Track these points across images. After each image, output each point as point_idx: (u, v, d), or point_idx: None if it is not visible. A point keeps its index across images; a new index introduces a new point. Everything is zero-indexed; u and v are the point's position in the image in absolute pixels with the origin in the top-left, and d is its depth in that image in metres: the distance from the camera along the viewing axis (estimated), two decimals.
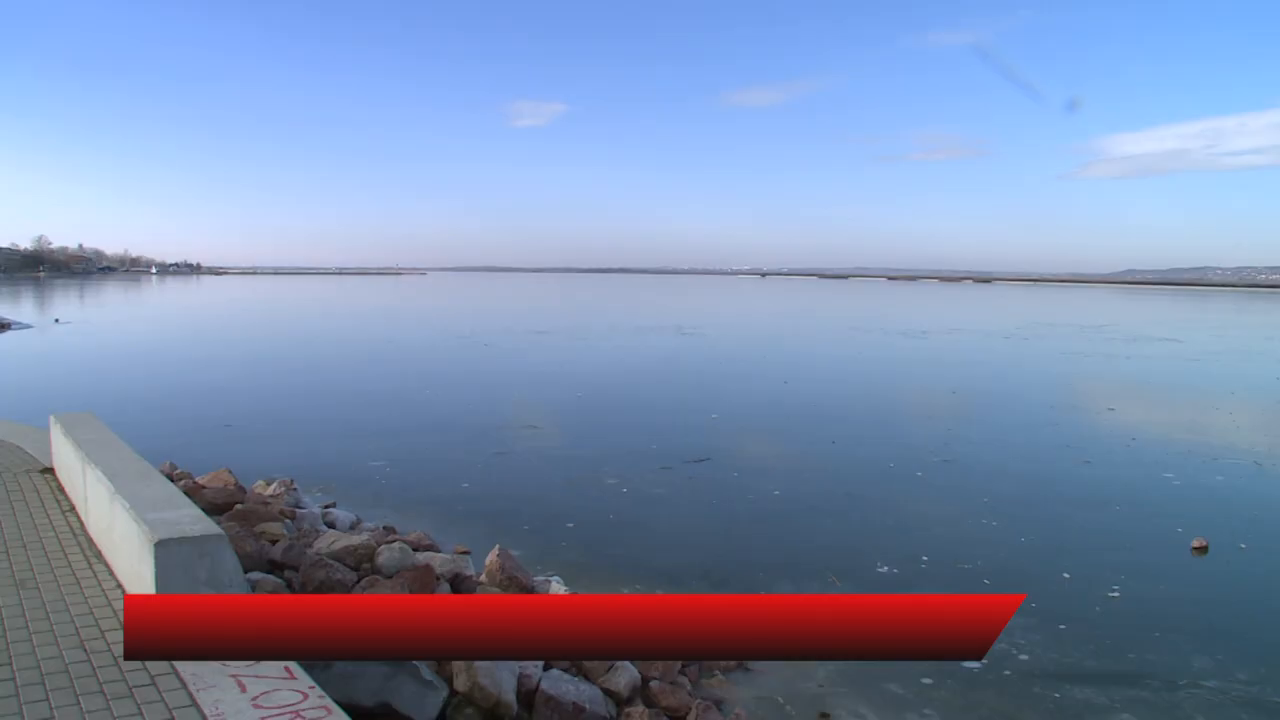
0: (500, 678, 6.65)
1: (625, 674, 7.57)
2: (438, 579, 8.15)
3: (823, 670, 8.46)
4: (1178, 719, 7.78)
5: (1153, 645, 9.32)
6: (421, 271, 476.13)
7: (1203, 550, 12.40)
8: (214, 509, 9.39)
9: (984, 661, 8.74)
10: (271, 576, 7.51)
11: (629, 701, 7.40)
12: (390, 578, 7.83)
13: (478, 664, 6.51)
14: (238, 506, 9.78)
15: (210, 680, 4.80)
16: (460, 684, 6.48)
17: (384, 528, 11.67)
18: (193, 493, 9.45)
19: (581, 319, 71.00)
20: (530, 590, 9.10)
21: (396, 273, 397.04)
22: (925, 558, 11.82)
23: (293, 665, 5.02)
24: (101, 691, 4.74)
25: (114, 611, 5.78)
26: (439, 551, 10.15)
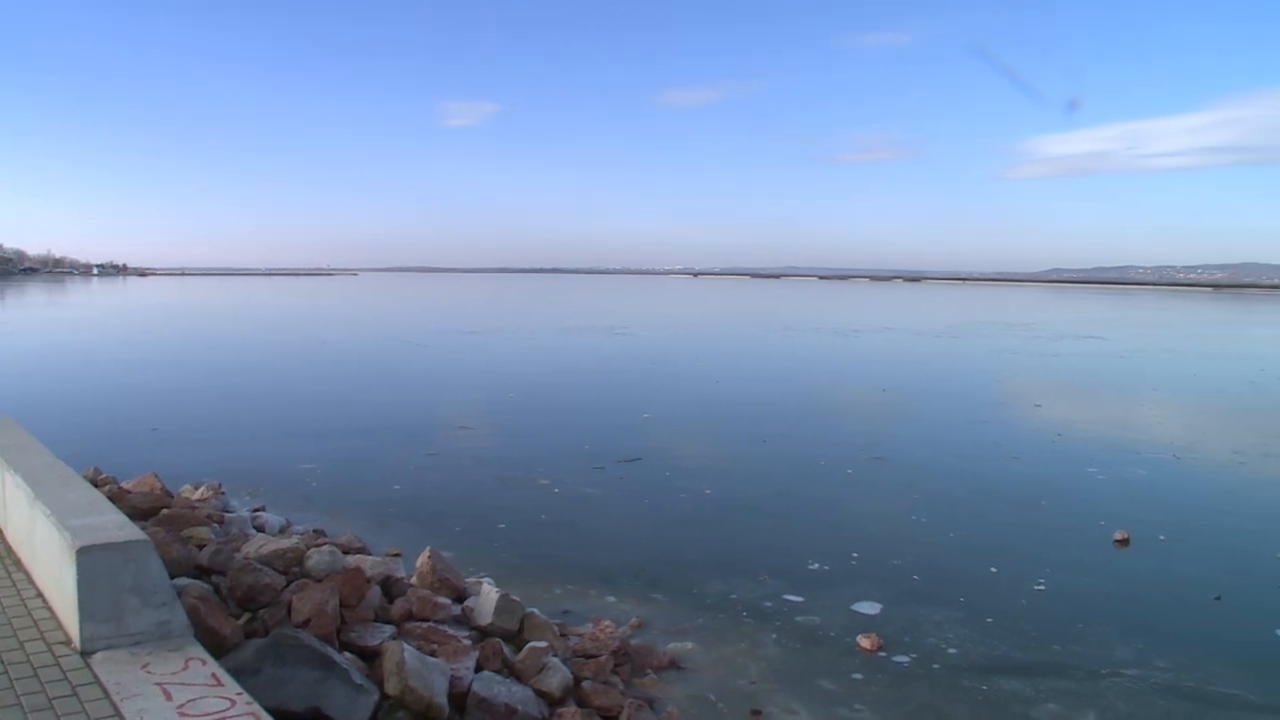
0: (432, 680, 6.60)
1: (557, 674, 7.56)
2: (368, 581, 8.07)
3: (754, 668, 8.52)
4: (1100, 707, 7.91)
5: (1077, 636, 9.48)
6: (353, 272, 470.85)
7: (1125, 543, 12.65)
8: (139, 514, 9.23)
9: (914, 655, 8.87)
10: (199, 582, 7.39)
11: (561, 702, 7.38)
12: (320, 581, 7.75)
13: (409, 666, 6.47)
14: (164, 511, 9.61)
15: (134, 689, 4.71)
16: (391, 687, 6.43)
17: (314, 531, 11.55)
18: (117, 498, 9.28)
19: (514, 319, 70.74)
20: (462, 592, 9.07)
21: (328, 274, 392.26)
22: (856, 555, 11.92)
23: (219, 672, 4.94)
24: (19, 704, 4.62)
25: (33, 622, 5.66)
26: (370, 554, 10.07)
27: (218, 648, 6.03)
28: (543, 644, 7.89)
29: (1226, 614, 10.32)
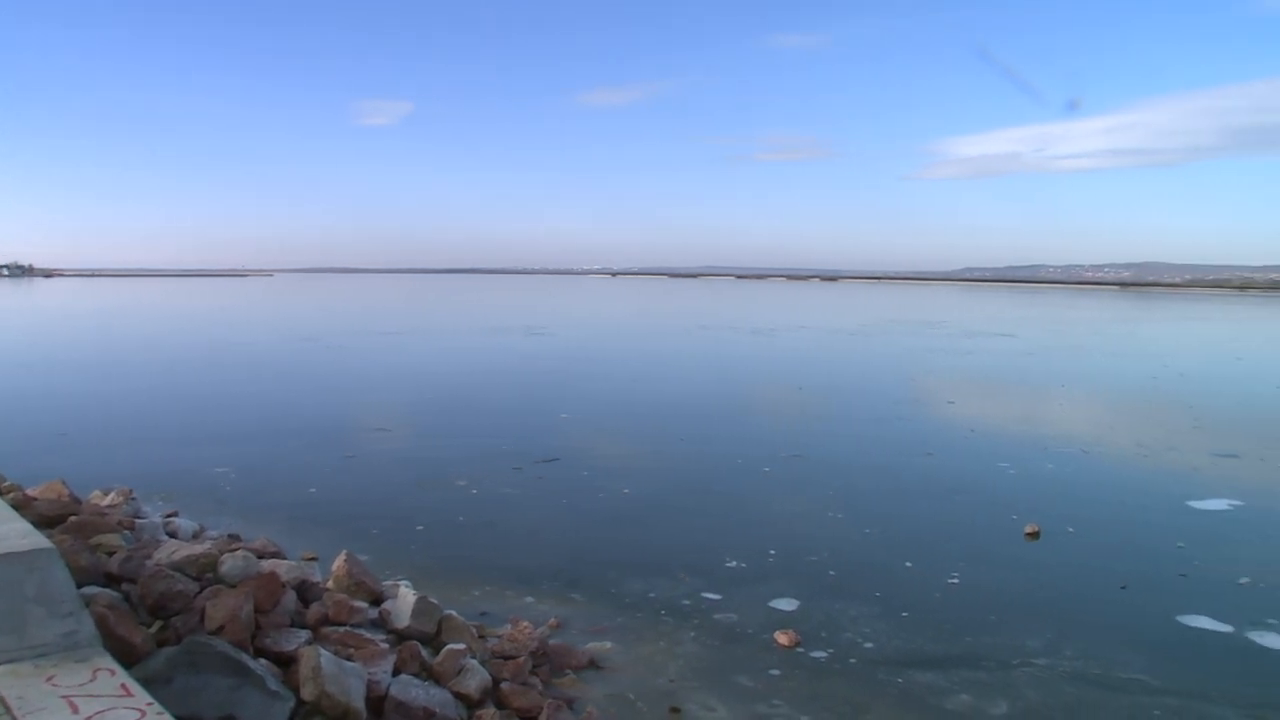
0: (349, 685, 6.55)
1: (476, 676, 7.53)
2: (284, 586, 7.96)
3: (673, 666, 8.56)
4: (1011, 696, 8.07)
5: (989, 628, 9.66)
6: (268, 273, 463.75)
7: (1035, 535, 12.91)
8: (45, 522, 9.01)
9: (831, 650, 8.97)
10: (108, 590, 7.25)
11: (480, 704, 7.36)
12: (234, 586, 7.64)
13: (325, 672, 6.40)
14: (72, 518, 9.39)
15: (39, 703, 4.60)
16: (307, 693, 6.36)
17: (228, 536, 11.35)
18: (22, 506, 9.05)
19: (431, 320, 70.29)
20: (379, 595, 8.99)
21: (242, 274, 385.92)
22: (773, 551, 12.03)
23: (129, 682, 4.85)
24: None
25: None
26: (285, 558, 9.92)
27: (128, 657, 5.91)
28: (461, 646, 7.85)
29: (1131, 603, 10.58)
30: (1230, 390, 31.36)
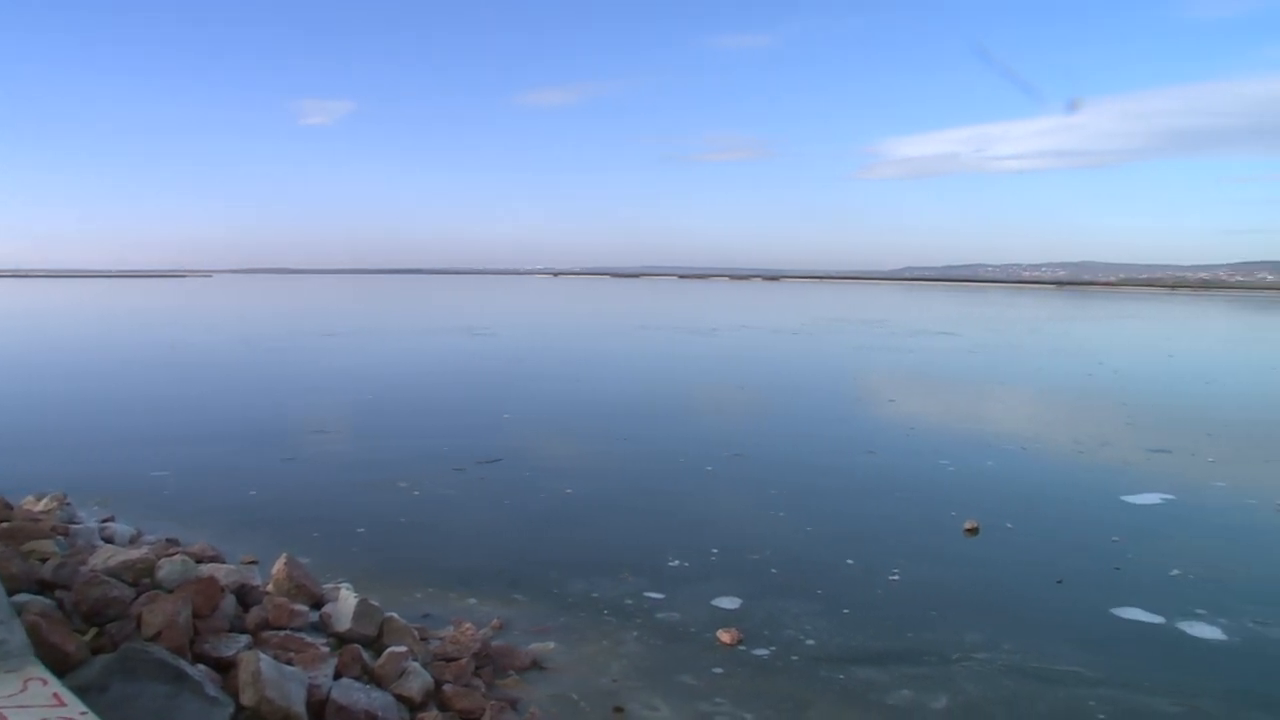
0: (289, 689, 6.49)
1: (418, 678, 7.49)
2: (223, 591, 7.88)
3: (616, 665, 8.57)
4: (951, 690, 8.16)
5: (929, 623, 9.76)
6: (207, 274, 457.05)
7: (974, 531, 13.07)
8: None
9: (773, 648, 9.02)
10: (40, 598, 7.13)
11: (422, 706, 7.33)
12: (172, 592, 7.55)
13: (265, 676, 6.35)
14: (3, 525, 9.24)
15: None
16: (247, 698, 6.30)
17: (166, 540, 11.21)
18: None
19: (373, 321, 69.74)
20: (320, 598, 8.92)
21: (180, 275, 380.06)
22: (716, 550, 12.08)
23: (62, 691, 4.78)
24: None
25: None
26: (224, 562, 9.83)
27: (62, 666, 5.82)
28: (402, 648, 7.81)
29: (1067, 596, 10.75)
30: (1162, 387, 31.92)
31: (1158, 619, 9.97)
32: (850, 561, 11.78)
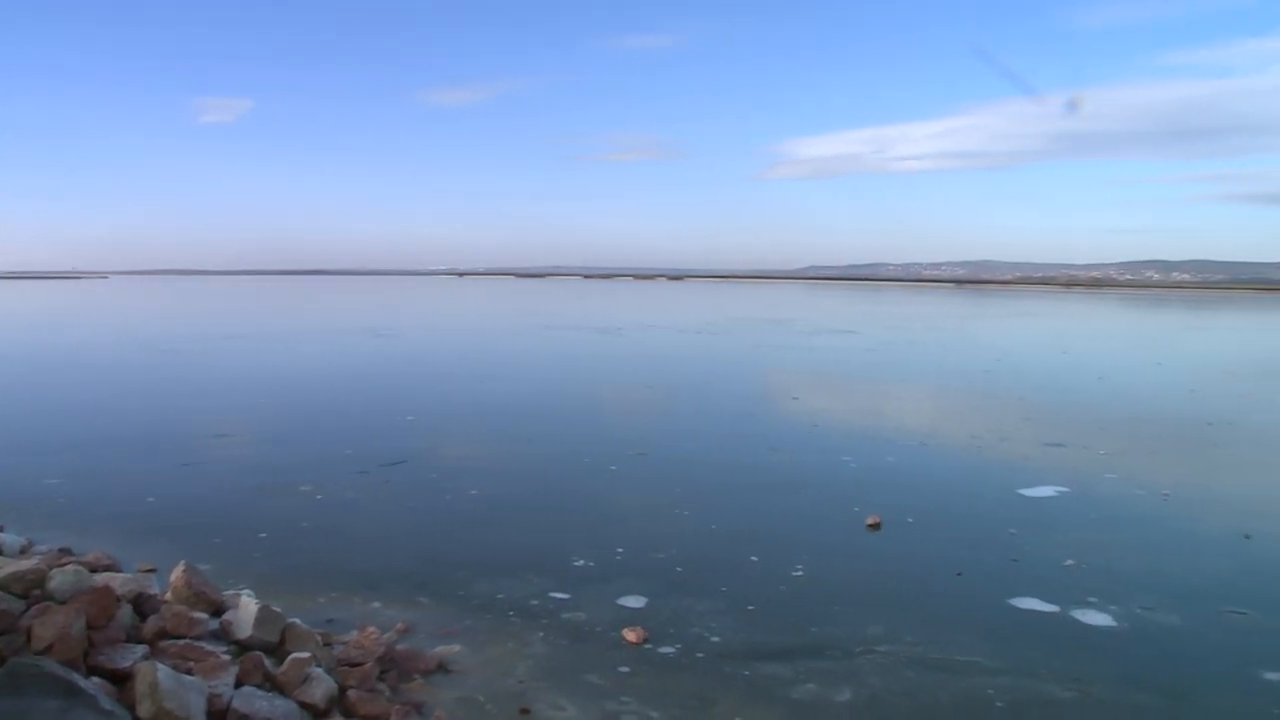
0: (188, 699, 6.37)
1: (322, 684, 7.40)
2: (118, 600, 7.70)
3: (522, 666, 8.55)
4: (855, 683, 8.28)
5: (833, 618, 9.89)
6: (103, 275, 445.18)
7: (876, 526, 13.27)
8: None
9: (679, 646, 9.06)
10: None
11: (326, 713, 7.24)
12: (64, 603, 7.36)
13: (163, 687, 6.22)
14: None
15: None
16: (144, 710, 6.18)
17: (59, 550, 10.93)
18: None
19: (274, 322, 68.69)
20: (220, 605, 8.76)
21: (75, 277, 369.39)
22: (620, 549, 12.10)
23: None
24: None
25: None
26: (120, 571, 9.61)
27: None
28: (306, 654, 7.70)
29: (967, 588, 10.97)
30: (1057, 383, 32.67)
31: (1053, 608, 10.23)
32: (754, 558, 11.88)
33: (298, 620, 8.50)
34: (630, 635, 9.22)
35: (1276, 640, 9.51)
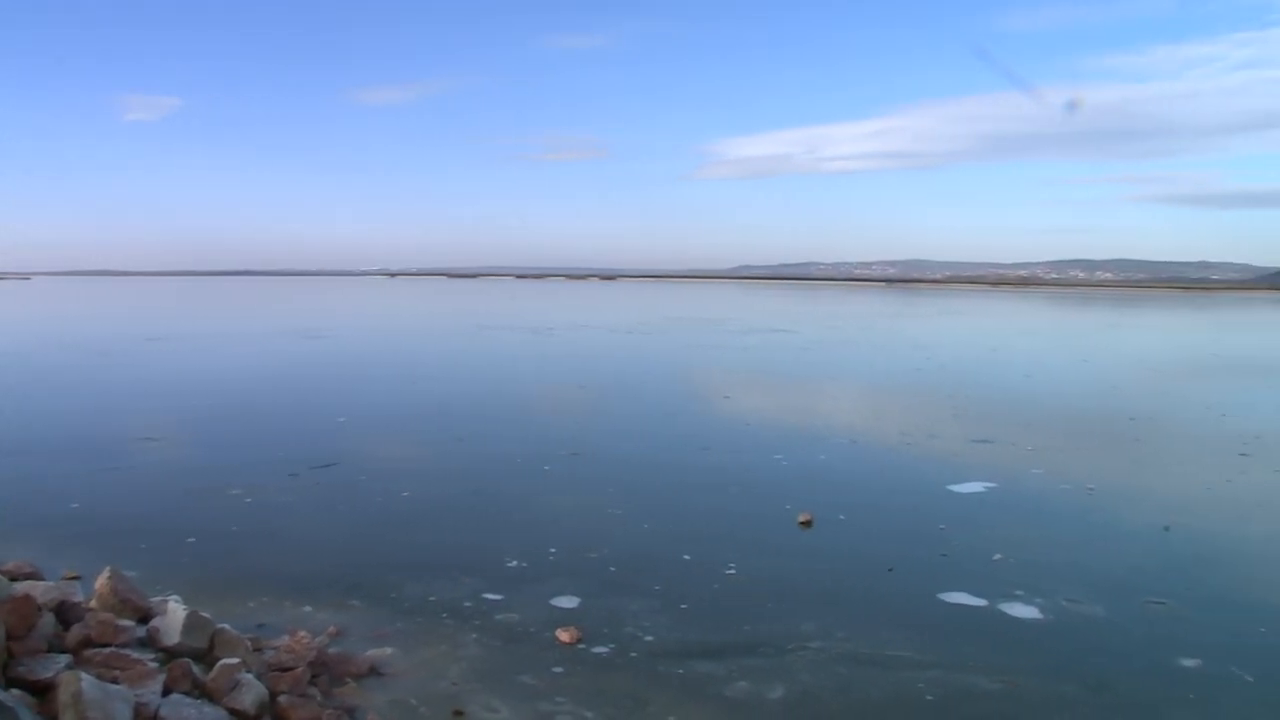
0: (113, 709, 6.26)
1: (252, 691, 7.31)
2: (39, 609, 7.56)
3: (455, 668, 8.51)
4: (788, 680, 8.35)
5: (765, 615, 9.96)
6: (25, 276, 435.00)
7: (808, 524, 13.38)
8: None
9: (613, 645, 9.08)
10: None
11: (257, 719, 7.16)
12: None
13: (87, 697, 6.11)
14: None
15: None
16: None
17: None
18: None
19: (203, 324, 67.70)
20: (147, 612, 8.63)
21: None
22: (553, 550, 12.09)
23: None
24: None
25: None
26: (42, 579, 9.42)
27: None
28: (235, 660, 7.61)
29: (898, 583, 11.11)
30: (985, 380, 33.15)
31: (981, 602, 10.39)
32: (687, 557, 11.93)
33: (227, 626, 8.39)
34: (564, 635, 9.22)
35: (1193, 629, 9.76)
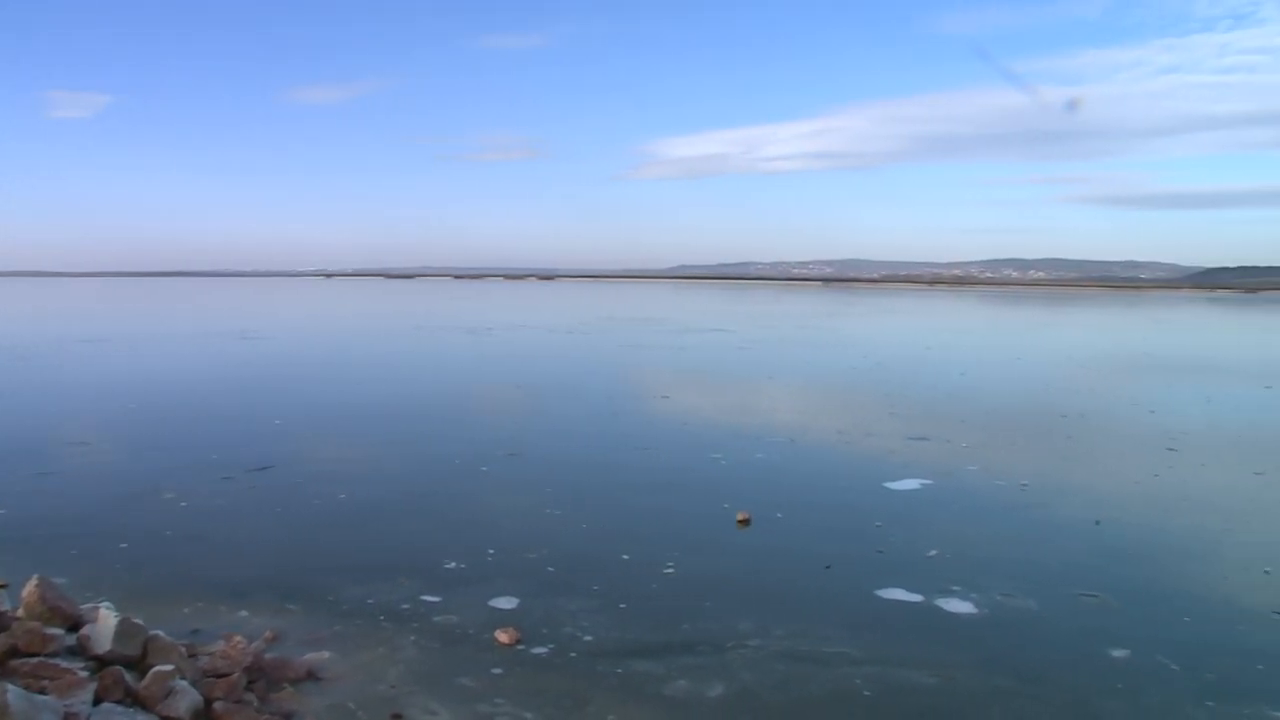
0: None
1: (186, 698, 7.22)
2: None
3: (394, 671, 8.46)
4: (727, 678, 8.40)
5: (704, 614, 10.01)
6: None
7: (746, 523, 13.45)
8: None
9: (552, 646, 9.07)
10: None
11: None
12: None
13: (14, 709, 6.00)
14: None
15: None
16: None
17: None
18: None
19: (135, 325, 66.59)
20: (77, 620, 8.48)
21: None
22: (492, 551, 12.06)
23: None
24: None
25: None
26: None
27: None
28: (169, 667, 7.50)
29: (835, 581, 11.21)
30: (921, 378, 33.47)
31: (917, 598, 10.52)
32: (626, 556, 11.95)
33: (160, 632, 8.27)
34: (502, 636, 9.20)
35: (1122, 621, 9.97)
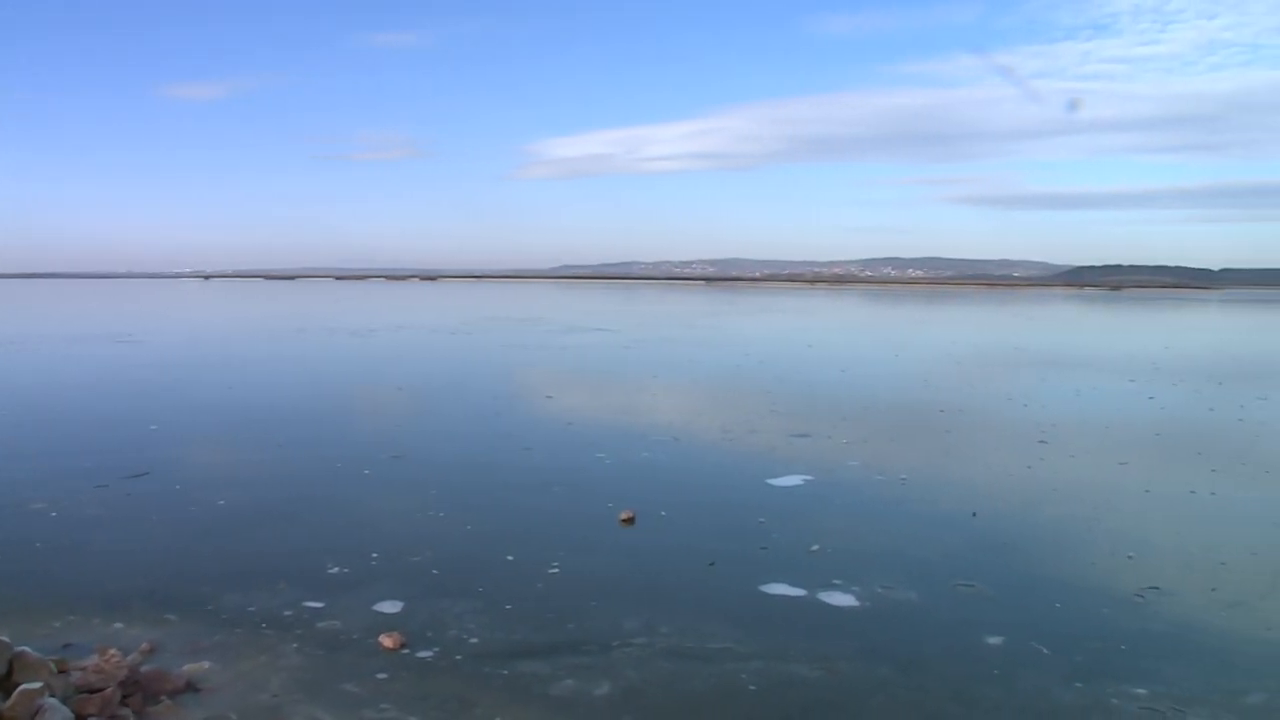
0: None
1: (57, 715, 7.02)
2: None
3: (276, 680, 8.33)
4: (613, 676, 8.44)
5: (589, 613, 10.04)
6: None
7: (630, 521, 13.51)
8: None
9: (437, 649, 9.02)
10: None
11: None
12: None
13: None
14: None
15: None
16: None
17: None
18: None
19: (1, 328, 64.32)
20: None
21: None
22: (376, 554, 11.93)
23: None
24: None
25: None
26: None
27: None
28: (37, 685, 7.28)
29: (719, 577, 11.33)
30: (803, 376, 34.01)
31: (800, 592, 10.70)
32: (510, 557, 11.92)
33: (28, 648, 8.01)
34: (387, 641, 9.12)
35: (998, 609, 10.30)
